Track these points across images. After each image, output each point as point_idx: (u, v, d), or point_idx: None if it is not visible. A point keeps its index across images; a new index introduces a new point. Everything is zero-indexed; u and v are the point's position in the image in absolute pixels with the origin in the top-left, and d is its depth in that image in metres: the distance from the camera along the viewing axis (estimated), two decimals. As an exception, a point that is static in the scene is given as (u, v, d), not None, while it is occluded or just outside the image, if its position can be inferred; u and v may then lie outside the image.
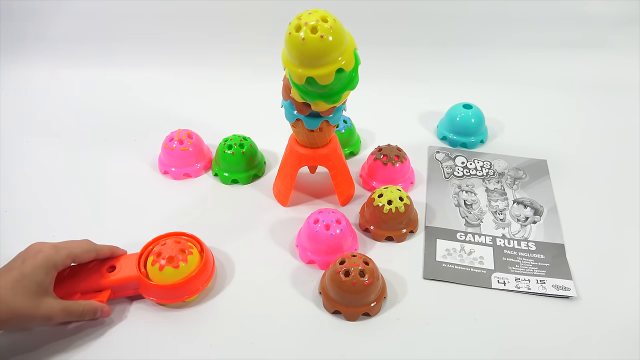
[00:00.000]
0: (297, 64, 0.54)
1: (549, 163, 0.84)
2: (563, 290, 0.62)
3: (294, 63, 0.55)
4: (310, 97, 0.59)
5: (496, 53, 1.09)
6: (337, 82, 0.56)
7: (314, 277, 0.65)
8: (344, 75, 0.56)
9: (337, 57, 0.54)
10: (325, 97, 0.59)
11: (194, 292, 0.60)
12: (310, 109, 0.62)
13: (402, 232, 0.69)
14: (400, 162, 0.76)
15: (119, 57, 1.06)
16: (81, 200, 0.76)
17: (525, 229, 0.72)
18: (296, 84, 0.57)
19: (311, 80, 0.55)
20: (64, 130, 0.92)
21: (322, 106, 0.60)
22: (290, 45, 0.53)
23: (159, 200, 0.77)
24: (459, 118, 0.87)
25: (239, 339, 0.58)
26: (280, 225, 0.72)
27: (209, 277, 0.62)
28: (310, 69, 0.54)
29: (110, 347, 0.57)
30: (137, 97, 1.02)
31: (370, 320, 0.60)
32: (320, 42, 0.52)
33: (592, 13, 1.11)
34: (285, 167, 0.73)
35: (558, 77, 1.06)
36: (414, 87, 1.04)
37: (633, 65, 1.07)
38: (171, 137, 0.80)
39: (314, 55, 0.53)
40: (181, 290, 0.59)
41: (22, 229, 0.71)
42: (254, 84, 1.01)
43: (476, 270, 0.65)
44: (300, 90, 0.58)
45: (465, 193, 0.78)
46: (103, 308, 0.57)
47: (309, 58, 0.53)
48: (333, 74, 0.55)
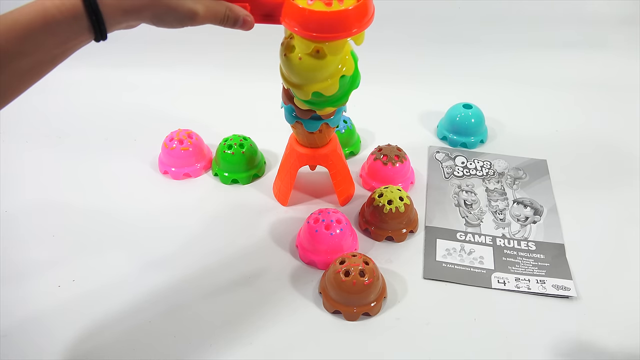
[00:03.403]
0: (300, 82, 0.54)
1: (549, 163, 0.84)
2: (563, 290, 0.62)
3: (296, 82, 0.55)
4: (317, 106, 0.59)
5: (496, 53, 1.09)
6: (341, 87, 0.56)
7: (314, 277, 0.65)
8: (346, 79, 0.56)
9: (337, 65, 0.54)
10: (332, 102, 0.59)
11: (346, 29, 0.51)
12: (311, 113, 0.62)
13: (402, 232, 0.69)
14: (400, 162, 0.76)
15: (119, 57, 1.06)
16: (81, 200, 0.76)
17: (525, 229, 0.72)
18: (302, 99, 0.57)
19: (317, 93, 0.55)
20: (64, 130, 0.92)
21: (329, 110, 0.60)
22: (288, 66, 0.53)
23: (158, 200, 0.77)
24: (459, 118, 0.87)
25: (239, 339, 0.58)
26: (280, 225, 0.72)
27: (367, 21, 0.52)
28: (313, 84, 0.54)
29: (110, 347, 0.57)
30: (137, 97, 1.02)
31: (370, 320, 0.60)
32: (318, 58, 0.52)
33: (593, 13, 1.11)
34: (285, 166, 0.73)
35: (558, 77, 1.06)
36: (414, 87, 1.04)
37: (633, 65, 1.07)
38: (171, 137, 0.80)
39: (315, 71, 0.53)
40: (333, 22, 0.50)
41: (22, 229, 0.71)
42: (254, 84, 1.01)
43: (476, 270, 0.65)
44: (307, 100, 0.58)
45: (465, 193, 0.78)
46: (247, 17, 0.51)
47: (310, 75, 0.53)
48: (337, 84, 0.55)
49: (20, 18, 0.40)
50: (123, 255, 0.68)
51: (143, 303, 0.61)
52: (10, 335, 0.58)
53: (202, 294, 0.62)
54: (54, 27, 0.41)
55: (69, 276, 0.64)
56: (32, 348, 0.56)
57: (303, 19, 0.50)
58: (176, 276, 0.65)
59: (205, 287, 0.63)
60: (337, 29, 0.50)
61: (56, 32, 0.42)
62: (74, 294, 0.62)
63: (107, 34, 0.44)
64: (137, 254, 0.68)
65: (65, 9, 0.41)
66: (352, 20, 0.50)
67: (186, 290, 0.63)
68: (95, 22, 0.43)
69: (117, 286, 0.63)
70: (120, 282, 0.64)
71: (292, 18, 0.51)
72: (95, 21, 0.42)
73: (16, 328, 0.58)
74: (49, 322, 0.59)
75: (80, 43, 0.44)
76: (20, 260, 0.67)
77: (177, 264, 0.66)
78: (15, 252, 0.68)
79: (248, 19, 0.51)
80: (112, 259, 0.67)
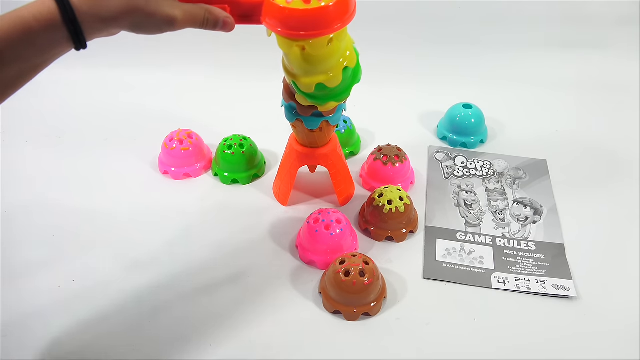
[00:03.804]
0: (303, 74, 0.54)
1: (549, 163, 0.84)
2: (563, 290, 0.62)
3: (300, 74, 0.55)
4: (319, 101, 0.59)
5: (496, 53, 1.09)
6: (344, 80, 0.57)
7: (314, 277, 0.65)
8: (349, 72, 0.56)
9: (340, 58, 0.54)
10: (335, 96, 0.59)
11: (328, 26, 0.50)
12: (313, 110, 0.62)
13: (402, 232, 0.69)
14: (400, 162, 0.76)
15: (119, 56, 1.06)
16: (81, 200, 0.76)
17: (525, 229, 0.72)
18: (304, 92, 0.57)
19: (320, 86, 0.55)
20: (64, 130, 0.92)
21: (331, 105, 0.60)
22: (293, 58, 0.53)
23: (159, 200, 0.77)
24: (459, 118, 0.87)
25: (239, 339, 0.57)
26: (280, 225, 0.72)
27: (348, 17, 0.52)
28: (317, 75, 0.54)
29: (110, 347, 0.57)
30: (137, 97, 1.02)
31: (370, 320, 0.60)
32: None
33: (592, 13, 1.11)
34: (285, 166, 0.73)
35: (558, 77, 1.06)
36: (414, 87, 1.04)
37: (633, 65, 1.07)
38: (171, 137, 0.80)
39: (319, 61, 0.53)
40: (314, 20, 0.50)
41: (22, 229, 0.71)
42: (254, 84, 1.01)
43: (476, 270, 0.65)
44: (309, 95, 0.58)
45: (465, 193, 0.78)
46: (227, 19, 0.50)
47: (314, 66, 0.53)
48: (340, 75, 0.55)
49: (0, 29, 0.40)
50: (123, 255, 0.67)
51: (143, 303, 0.61)
52: (11, 335, 0.58)
53: (202, 293, 0.62)
54: (32, 38, 0.41)
55: (69, 276, 0.64)
56: (32, 348, 0.56)
57: (284, 18, 0.50)
58: (176, 276, 0.65)
59: (205, 287, 0.63)
60: (319, 25, 0.50)
61: (35, 42, 0.41)
62: (74, 294, 0.62)
63: (86, 43, 0.44)
64: (137, 253, 0.68)
65: (42, 18, 0.41)
66: (334, 17, 0.50)
67: (186, 290, 0.63)
68: (74, 32, 0.42)
69: (117, 286, 0.63)
70: (121, 282, 0.64)
71: (273, 17, 0.51)
72: (74, 31, 0.42)
73: (16, 328, 0.58)
74: (49, 322, 0.59)
75: (61, 52, 0.44)
76: (20, 260, 0.67)
77: (176, 264, 0.66)
78: (15, 252, 0.68)
79: (228, 21, 0.51)
80: (112, 259, 0.67)
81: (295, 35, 0.50)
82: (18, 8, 0.41)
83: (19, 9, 0.41)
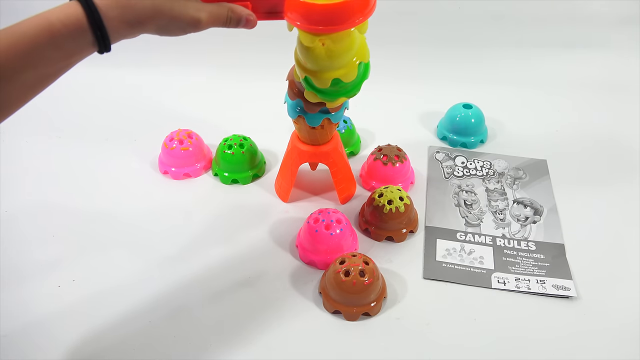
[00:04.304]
0: (321, 69, 0.55)
1: (549, 163, 0.84)
2: (563, 290, 0.62)
3: (318, 69, 0.55)
4: (330, 97, 0.59)
5: (496, 53, 1.09)
6: (357, 76, 0.57)
7: (314, 277, 0.65)
8: (362, 67, 0.57)
9: (354, 53, 0.55)
10: (347, 92, 0.59)
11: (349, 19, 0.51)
12: (321, 107, 0.62)
13: (402, 232, 0.69)
14: (400, 162, 0.76)
15: (119, 56, 1.06)
16: (81, 200, 0.76)
17: (525, 229, 0.72)
18: (317, 87, 0.57)
19: (336, 81, 0.55)
20: (65, 130, 0.92)
21: (341, 101, 0.61)
22: (314, 53, 0.53)
23: (159, 200, 0.77)
24: (459, 118, 0.87)
25: (239, 339, 0.57)
26: (280, 225, 0.72)
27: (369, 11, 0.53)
28: (334, 70, 0.54)
29: (110, 347, 0.57)
30: (137, 97, 1.02)
31: (370, 320, 0.60)
32: None
33: (593, 13, 1.11)
34: (286, 163, 0.73)
35: (558, 77, 1.06)
36: (414, 87, 1.04)
37: (634, 65, 1.07)
38: (171, 137, 0.80)
39: (339, 55, 0.53)
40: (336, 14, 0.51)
41: (22, 229, 0.71)
42: (254, 84, 1.01)
43: (476, 270, 0.65)
44: (320, 91, 0.58)
45: (465, 193, 0.78)
46: (249, 16, 0.51)
47: (333, 60, 0.54)
48: (356, 70, 0.55)
49: (27, 32, 0.40)
50: (123, 255, 0.68)
51: (143, 303, 0.61)
52: (10, 335, 0.58)
53: (202, 294, 0.62)
54: (59, 42, 0.41)
55: (69, 276, 0.64)
56: (32, 348, 0.56)
57: (306, 13, 0.51)
58: (176, 276, 0.65)
59: (204, 287, 0.63)
60: (341, 19, 0.51)
61: (61, 46, 0.42)
62: (74, 294, 0.62)
63: (111, 47, 0.44)
64: (137, 253, 0.68)
65: (70, 23, 0.41)
66: (356, 10, 0.51)
67: (186, 290, 0.63)
68: (100, 37, 0.43)
69: (117, 286, 0.63)
70: (121, 282, 0.64)
71: (295, 12, 0.51)
72: (100, 36, 0.43)
73: (16, 328, 0.58)
74: (49, 322, 0.59)
75: (85, 55, 0.44)
76: (20, 260, 0.67)
77: (176, 264, 0.66)
78: (15, 252, 0.68)
79: (251, 18, 0.51)
80: (112, 259, 0.67)
81: (318, 30, 0.51)
82: (45, 11, 0.41)
83: (46, 12, 0.41)
